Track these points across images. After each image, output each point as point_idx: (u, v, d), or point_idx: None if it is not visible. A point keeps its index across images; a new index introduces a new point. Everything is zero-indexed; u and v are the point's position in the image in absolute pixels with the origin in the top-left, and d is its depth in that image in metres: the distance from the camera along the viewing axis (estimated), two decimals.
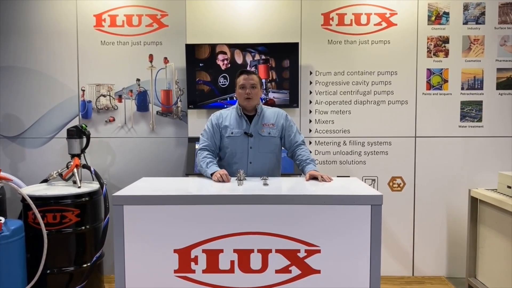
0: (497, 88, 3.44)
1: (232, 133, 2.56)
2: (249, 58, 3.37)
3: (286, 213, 1.97)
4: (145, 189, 2.24)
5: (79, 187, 3.04)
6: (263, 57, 3.37)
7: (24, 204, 2.93)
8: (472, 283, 3.14)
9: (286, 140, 2.63)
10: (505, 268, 2.84)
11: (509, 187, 2.90)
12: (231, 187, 2.21)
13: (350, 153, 3.51)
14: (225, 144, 2.58)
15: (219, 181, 2.31)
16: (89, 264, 3.00)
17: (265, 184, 2.23)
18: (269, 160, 2.59)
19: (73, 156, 3.17)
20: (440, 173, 3.48)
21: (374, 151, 3.50)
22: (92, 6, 3.43)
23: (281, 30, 3.42)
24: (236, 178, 2.33)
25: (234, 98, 3.38)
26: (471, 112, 3.46)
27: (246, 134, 2.55)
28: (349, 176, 3.15)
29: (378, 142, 3.49)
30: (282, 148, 2.70)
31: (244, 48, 3.36)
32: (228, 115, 2.62)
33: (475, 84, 3.45)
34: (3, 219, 2.67)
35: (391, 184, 3.51)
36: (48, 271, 2.89)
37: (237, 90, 2.58)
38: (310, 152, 2.82)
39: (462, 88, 3.45)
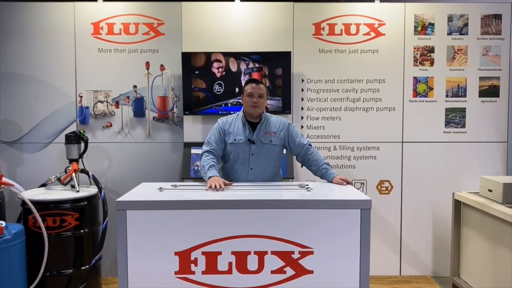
0: (480, 96, 3.60)
1: (235, 140, 2.65)
2: (243, 66, 3.47)
3: (281, 216, 2.08)
4: (146, 194, 2.32)
5: (78, 191, 3.11)
6: (256, 65, 3.48)
7: (24, 208, 2.99)
8: (456, 281, 3.29)
9: (292, 147, 2.72)
10: (486, 267, 2.99)
11: (490, 190, 3.06)
12: (229, 193, 2.32)
13: (340, 157, 3.64)
14: (228, 150, 2.68)
15: (211, 189, 2.34)
16: (87, 266, 3.07)
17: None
18: (270, 167, 2.69)
19: (71, 161, 3.24)
20: (425, 177, 3.62)
21: (363, 156, 3.63)
22: (90, 14, 3.51)
23: (274, 40, 3.54)
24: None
25: (229, 105, 3.50)
26: (455, 118, 3.62)
27: (249, 141, 2.65)
28: None
29: (366, 147, 3.63)
30: (295, 156, 2.78)
31: (239, 56, 3.47)
32: (233, 121, 2.71)
33: (459, 92, 3.61)
34: (4, 223, 2.72)
35: (379, 187, 3.65)
36: (48, 274, 2.95)
37: (244, 98, 2.68)
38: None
39: (447, 96, 3.61)
